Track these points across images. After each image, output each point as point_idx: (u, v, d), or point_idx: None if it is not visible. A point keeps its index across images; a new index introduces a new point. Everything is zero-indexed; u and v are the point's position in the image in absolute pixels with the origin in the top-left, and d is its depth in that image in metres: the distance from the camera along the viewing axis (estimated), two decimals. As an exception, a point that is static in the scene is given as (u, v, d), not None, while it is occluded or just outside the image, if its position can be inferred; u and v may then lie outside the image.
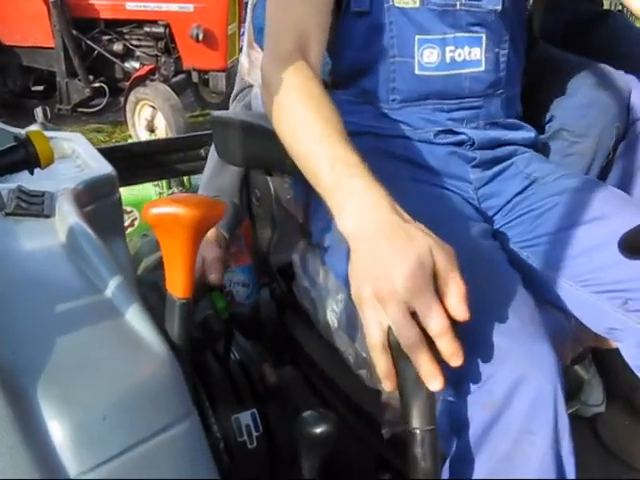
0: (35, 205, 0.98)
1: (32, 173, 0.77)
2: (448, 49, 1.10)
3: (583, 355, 1.16)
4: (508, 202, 1.13)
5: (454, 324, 0.68)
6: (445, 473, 0.83)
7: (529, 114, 1.24)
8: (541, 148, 1.24)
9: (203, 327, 1.01)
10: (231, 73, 4.46)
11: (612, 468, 1.31)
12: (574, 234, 1.03)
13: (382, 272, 0.68)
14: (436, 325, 0.67)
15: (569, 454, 0.80)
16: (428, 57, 1.09)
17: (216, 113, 1.18)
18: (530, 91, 1.25)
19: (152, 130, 4.69)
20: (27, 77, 5.35)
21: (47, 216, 0.96)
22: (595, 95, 1.21)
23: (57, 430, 0.60)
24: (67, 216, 0.93)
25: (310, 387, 1.23)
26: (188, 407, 0.68)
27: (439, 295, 0.69)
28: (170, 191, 2.14)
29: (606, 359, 1.33)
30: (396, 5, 1.08)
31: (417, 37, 1.09)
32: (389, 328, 0.68)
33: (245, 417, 1.10)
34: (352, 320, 1.02)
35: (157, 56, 4.74)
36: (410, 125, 1.12)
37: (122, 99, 4.76)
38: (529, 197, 1.12)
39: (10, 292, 0.75)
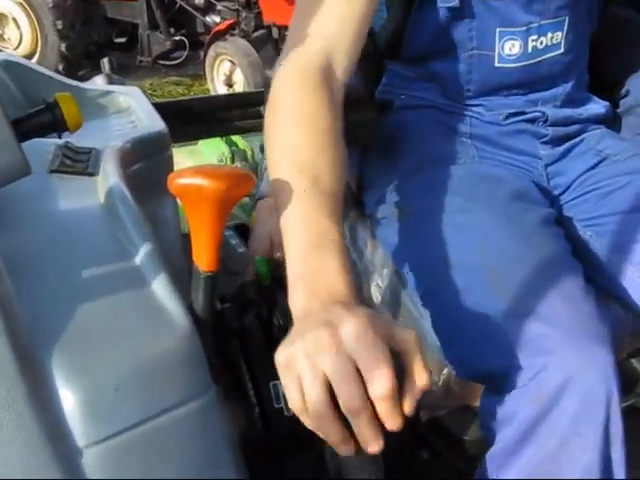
0: (80, 163, 0.97)
1: (60, 137, 0.76)
2: (531, 39, 1.03)
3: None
4: (576, 179, 1.08)
5: None
6: (489, 465, 0.81)
7: (601, 85, 1.16)
8: (613, 123, 1.16)
9: (239, 293, 0.99)
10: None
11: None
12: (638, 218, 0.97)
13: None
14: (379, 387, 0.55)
15: (620, 461, 0.76)
16: (509, 50, 1.03)
17: (270, 73, 1.14)
18: (602, 60, 1.17)
19: (230, 85, 4.73)
20: (110, 29, 5.53)
21: (91, 174, 0.95)
22: None
23: (68, 399, 0.59)
24: (109, 176, 0.91)
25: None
26: (206, 383, 0.67)
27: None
28: (234, 165, 2.11)
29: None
30: None
31: (498, 30, 1.02)
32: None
33: (283, 385, 1.09)
34: (395, 297, 0.98)
35: (238, 11, 4.73)
36: (484, 107, 1.07)
37: (202, 53, 4.80)
38: (598, 174, 1.06)
39: (40, 254, 0.74)
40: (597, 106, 1.13)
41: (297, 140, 0.76)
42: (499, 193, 0.95)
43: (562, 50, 1.05)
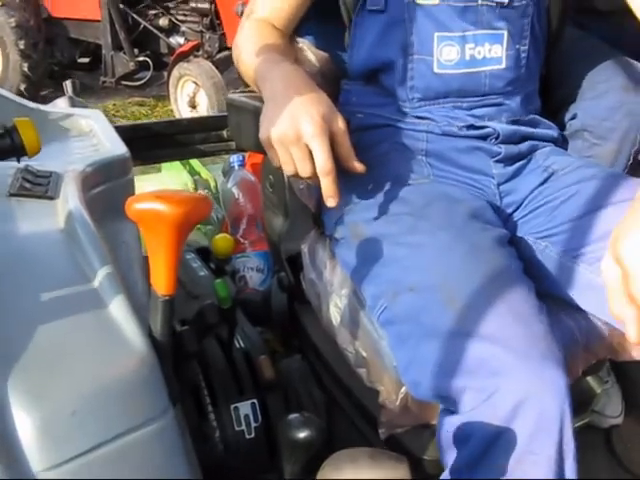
0: (40, 186, 0.97)
1: (19, 161, 0.77)
2: (468, 46, 1.06)
3: (598, 366, 1.12)
4: (527, 196, 1.10)
5: None
6: None
7: (549, 108, 1.19)
8: (561, 145, 1.19)
9: (199, 316, 1.00)
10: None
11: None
12: (593, 219, 0.99)
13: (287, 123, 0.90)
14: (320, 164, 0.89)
15: (572, 476, 0.77)
16: (447, 55, 1.06)
17: (231, 95, 1.16)
18: (552, 83, 1.20)
19: (194, 106, 4.72)
20: (74, 49, 5.49)
21: (51, 198, 0.95)
22: (623, 98, 1.15)
23: (24, 423, 0.59)
24: (69, 199, 0.92)
25: (316, 378, 1.21)
26: (164, 406, 0.67)
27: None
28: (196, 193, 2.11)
29: (626, 368, 1.28)
30: (415, 2, 1.05)
31: (436, 34, 1.05)
32: None
33: (245, 407, 1.10)
34: (354, 317, 0.99)
35: (202, 32, 4.75)
36: (433, 120, 1.09)
37: (166, 74, 4.79)
38: (548, 189, 1.09)
39: (-1, 277, 0.74)
40: (546, 128, 1.16)
41: (258, 42, 1.10)
42: (454, 213, 0.97)
43: (503, 65, 1.08)
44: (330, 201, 0.92)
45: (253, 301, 1.35)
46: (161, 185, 2.16)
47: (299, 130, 0.90)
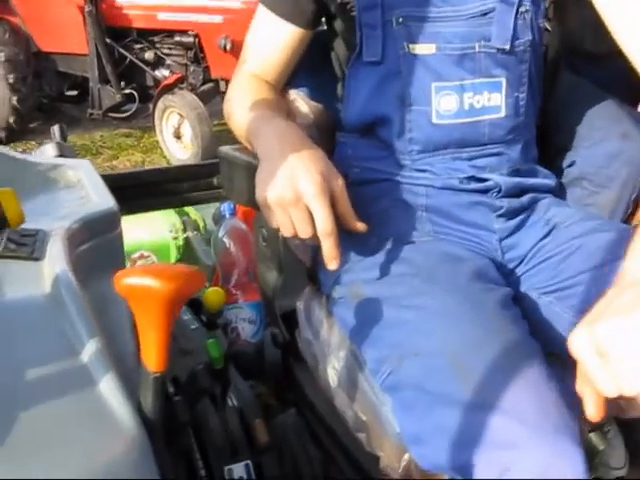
0: (25, 246, 0.93)
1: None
2: (466, 95, 1.03)
3: (602, 423, 1.09)
4: (530, 250, 1.08)
5: None
6: None
7: (546, 156, 1.17)
8: (559, 193, 1.17)
9: (192, 379, 0.96)
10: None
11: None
12: (597, 275, 0.97)
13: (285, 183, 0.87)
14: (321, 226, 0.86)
15: None
16: (446, 105, 1.03)
17: (223, 148, 1.14)
18: (549, 130, 1.18)
19: (179, 137, 4.79)
20: (62, 82, 5.55)
21: (36, 259, 0.92)
22: (622, 146, 1.13)
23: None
24: (55, 261, 0.88)
25: (312, 434, 1.17)
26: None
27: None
28: (185, 235, 2.10)
29: (629, 419, 1.25)
30: (411, 52, 1.03)
31: (434, 84, 1.03)
32: None
33: (239, 468, 1.06)
34: (353, 380, 0.96)
35: (186, 65, 4.80)
36: (433, 173, 1.07)
37: (151, 106, 4.84)
38: (550, 243, 1.06)
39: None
40: (545, 178, 1.14)
41: (249, 99, 1.09)
42: (458, 274, 0.94)
43: (502, 114, 1.06)
44: (332, 264, 0.88)
45: (246, 354, 1.31)
46: (150, 226, 2.14)
47: (298, 191, 0.86)
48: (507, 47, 1.03)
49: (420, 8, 1.02)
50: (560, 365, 0.92)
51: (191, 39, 4.69)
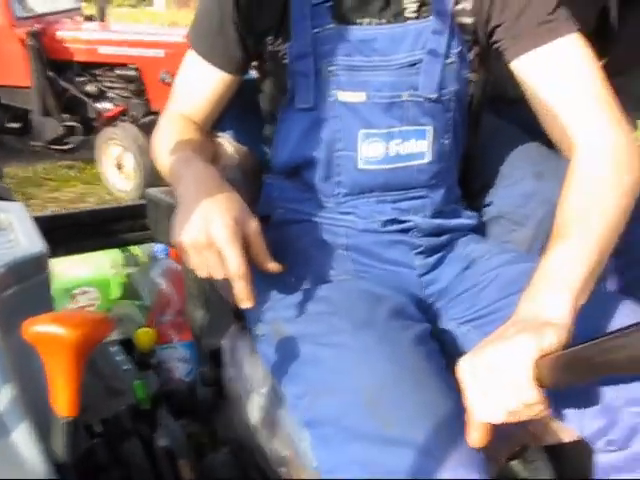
0: (-52, 293, 0.94)
1: None
2: (394, 142, 1.07)
3: (522, 451, 1.13)
4: (449, 284, 1.11)
5: None
6: None
7: (469, 194, 1.22)
8: (479, 230, 1.22)
9: (114, 423, 0.97)
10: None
11: None
12: (512, 303, 0.97)
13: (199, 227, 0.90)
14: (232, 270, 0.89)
15: None
16: (373, 151, 1.07)
17: (149, 190, 1.16)
18: (471, 171, 1.23)
19: (120, 168, 4.83)
20: (3, 114, 5.48)
21: (-41, 306, 0.92)
22: (537, 186, 1.19)
23: None
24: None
25: (242, 473, 1.18)
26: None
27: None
28: (126, 271, 2.09)
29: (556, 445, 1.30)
30: (340, 100, 1.06)
31: (361, 132, 1.06)
32: None
33: (167, 508, 1.07)
34: (274, 417, 0.98)
35: (128, 98, 4.85)
36: (356, 215, 1.10)
37: (94, 138, 4.87)
38: (468, 276, 1.10)
39: None
40: (467, 218, 1.18)
41: (174, 139, 1.10)
42: (376, 312, 0.96)
43: (427, 160, 1.09)
44: (244, 304, 0.91)
45: (179, 392, 1.32)
46: (91, 262, 2.12)
47: (210, 235, 0.89)
48: (434, 96, 1.07)
49: (351, 57, 1.06)
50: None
51: (133, 72, 4.76)
